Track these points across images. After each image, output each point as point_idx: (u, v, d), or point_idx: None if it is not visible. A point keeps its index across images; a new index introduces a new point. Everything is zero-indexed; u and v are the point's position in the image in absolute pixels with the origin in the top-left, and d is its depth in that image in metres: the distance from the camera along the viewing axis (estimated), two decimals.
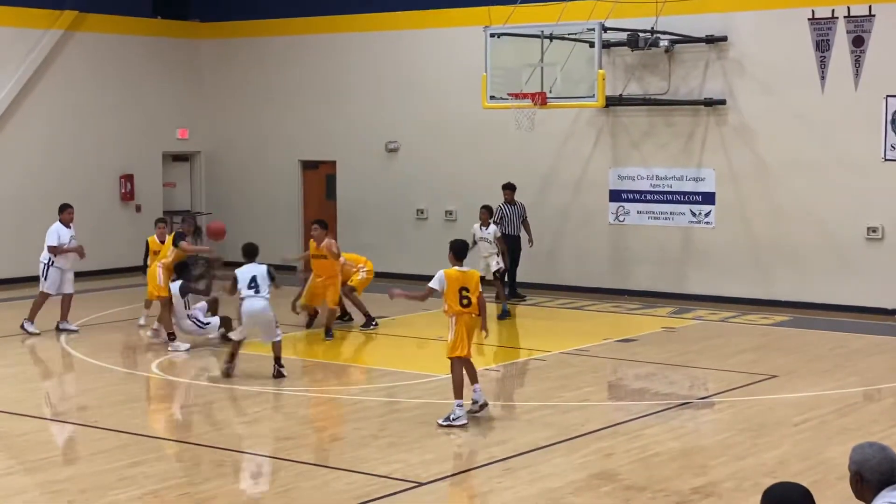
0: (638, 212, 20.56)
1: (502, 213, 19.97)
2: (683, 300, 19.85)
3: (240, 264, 14.18)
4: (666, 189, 20.28)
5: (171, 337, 15.75)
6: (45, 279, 16.84)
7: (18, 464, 10.77)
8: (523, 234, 20.17)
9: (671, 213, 20.26)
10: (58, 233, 16.84)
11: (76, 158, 23.01)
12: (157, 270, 16.20)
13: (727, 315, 18.64)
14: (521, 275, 21.46)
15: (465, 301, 11.84)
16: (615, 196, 20.76)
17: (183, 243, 16.21)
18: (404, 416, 12.15)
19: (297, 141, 24.07)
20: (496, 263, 18.20)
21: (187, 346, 15.68)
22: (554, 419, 12.04)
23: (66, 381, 14.54)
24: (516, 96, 18.06)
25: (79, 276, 17.59)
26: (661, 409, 12.50)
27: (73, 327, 17.05)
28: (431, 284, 11.95)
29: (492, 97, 18.34)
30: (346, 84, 23.44)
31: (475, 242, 18.24)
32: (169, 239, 16.52)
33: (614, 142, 20.79)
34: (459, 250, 12.21)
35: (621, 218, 20.73)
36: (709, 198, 19.91)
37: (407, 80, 22.70)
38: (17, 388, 13.68)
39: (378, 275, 22.19)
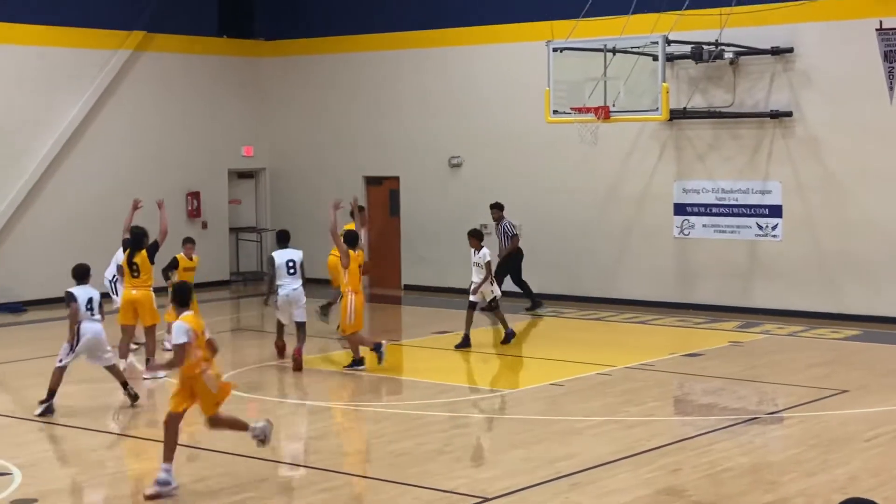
0: (703, 225, 20.38)
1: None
2: (750, 314, 19.63)
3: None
4: (732, 202, 20.08)
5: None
6: (116, 295, 16.81)
7: (90, 479, 10.88)
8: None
9: (737, 227, 20.06)
10: (116, 259, 16.73)
11: (143, 176, 23.28)
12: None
13: (795, 329, 18.40)
14: (586, 289, 21.39)
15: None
16: (680, 210, 20.60)
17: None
18: (469, 431, 12.13)
19: (360, 157, 24.18)
20: (491, 291, 17.04)
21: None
22: (619, 434, 11.95)
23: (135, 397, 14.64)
24: (579, 110, 18.00)
25: None
26: (729, 424, 12.36)
27: (137, 341, 17.01)
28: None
29: (555, 111, 18.30)
30: (410, 100, 23.52)
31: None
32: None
33: (679, 155, 20.64)
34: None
35: (686, 231, 20.56)
36: (776, 210, 19.69)
37: (470, 95, 22.73)
38: (88, 403, 13.83)
39: (443, 290, 22.29)
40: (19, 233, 21.38)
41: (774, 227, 19.69)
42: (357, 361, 15.28)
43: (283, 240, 16.12)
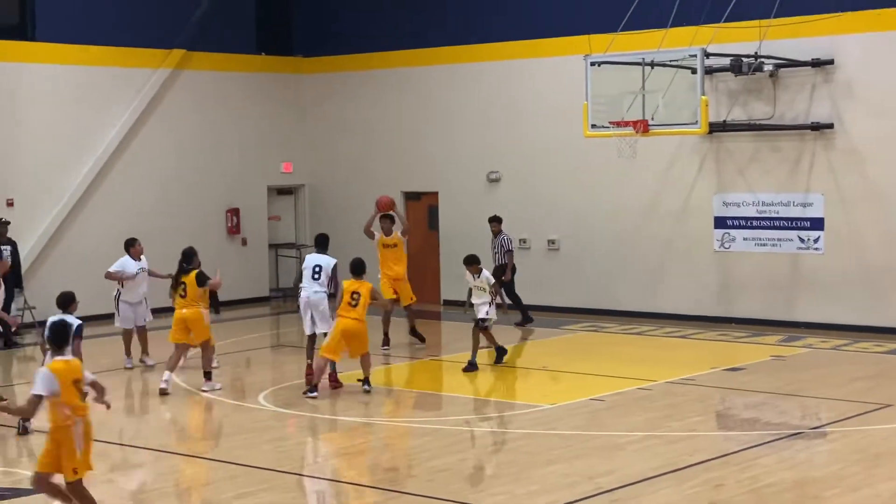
0: (744, 238, 20.25)
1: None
2: (792, 328, 19.47)
3: None
4: (773, 215, 19.94)
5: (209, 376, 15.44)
6: (118, 314, 16.99)
7: (131, 495, 10.94)
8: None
9: (778, 240, 19.92)
10: (123, 264, 16.98)
11: (183, 194, 23.45)
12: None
13: (839, 343, 18.23)
14: (625, 304, 21.32)
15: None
16: (720, 223, 20.48)
17: (211, 281, 15.77)
18: (509, 447, 12.09)
19: (399, 172, 24.22)
20: (485, 312, 16.24)
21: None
22: (661, 449, 11.86)
23: (176, 413, 14.71)
24: (618, 124, 17.95)
25: None
26: (771, 439, 12.24)
27: (150, 362, 16.97)
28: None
29: (593, 125, 18.26)
30: (448, 115, 23.56)
31: (469, 290, 16.65)
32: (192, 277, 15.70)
33: (718, 168, 20.53)
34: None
35: (727, 245, 20.44)
36: (817, 223, 19.53)
37: (508, 110, 22.73)
38: (129, 419, 13.91)
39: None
40: (62, 250, 21.57)
41: (816, 240, 19.54)
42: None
43: (320, 244, 16.22)
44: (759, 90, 19.79)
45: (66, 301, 12.71)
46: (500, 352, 16.72)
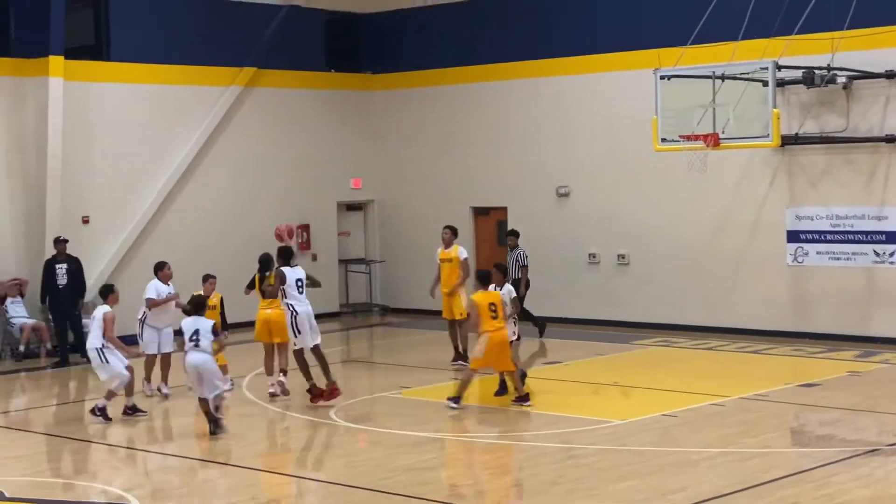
0: (818, 252, 20.00)
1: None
2: (868, 343, 19.17)
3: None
4: (847, 229, 19.68)
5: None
6: (142, 339, 16.27)
7: None
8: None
9: (853, 254, 19.64)
10: (156, 289, 16.33)
11: (254, 210, 23.67)
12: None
13: None
14: (697, 318, 21.14)
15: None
16: (793, 237, 20.25)
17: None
18: (581, 463, 12.02)
19: (468, 187, 24.25)
20: (511, 333, 15.23)
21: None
22: (735, 466, 11.74)
23: (245, 428, 14.80)
24: (688, 138, 17.83)
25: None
26: (848, 456, 12.06)
27: (165, 391, 16.21)
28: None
29: (663, 139, 18.16)
30: (516, 130, 23.55)
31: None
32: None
33: (791, 181, 20.30)
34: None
35: (800, 259, 20.19)
36: (892, 237, 19.23)
37: (578, 124, 22.67)
38: (200, 435, 14.03)
39: (550, 320, 22.19)
40: (136, 266, 21.82)
41: (892, 254, 19.23)
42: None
43: (286, 256, 15.62)
44: (831, 102, 19.55)
45: (196, 304, 14.18)
46: (520, 377, 15.41)
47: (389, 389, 16.39)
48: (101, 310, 14.70)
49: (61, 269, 19.61)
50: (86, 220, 21.43)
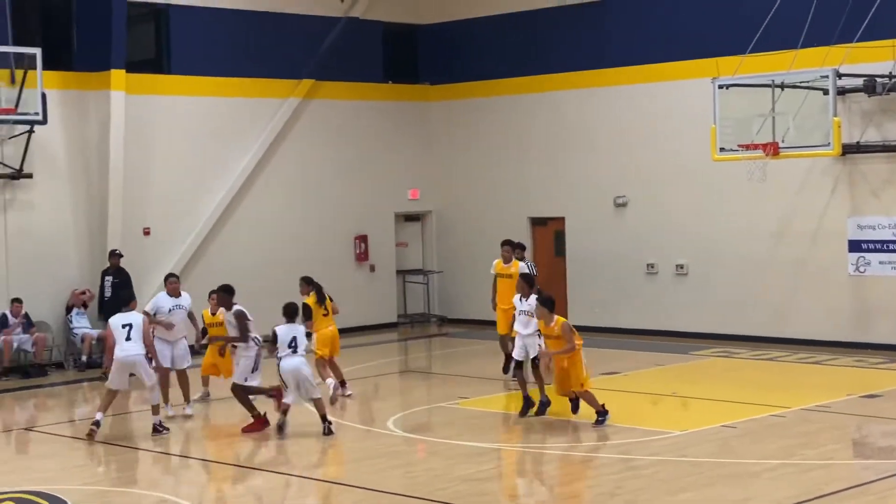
0: (880, 262, 19.75)
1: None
2: None
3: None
4: None
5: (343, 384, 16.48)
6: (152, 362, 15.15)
7: None
8: None
9: None
10: (154, 302, 15.69)
11: (312, 221, 23.82)
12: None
13: None
14: (756, 328, 20.94)
15: None
16: (855, 246, 20.02)
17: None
18: (641, 474, 11.96)
19: (525, 198, 24.24)
20: (537, 346, 14.71)
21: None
22: (796, 478, 11.61)
23: (308, 439, 14.88)
24: (747, 147, 17.72)
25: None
26: None
27: (188, 411, 15.64)
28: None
29: (722, 149, 18.06)
30: (573, 140, 23.50)
31: (513, 317, 15.45)
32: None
33: (852, 191, 20.08)
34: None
35: (862, 269, 19.95)
36: None
37: (635, 134, 22.58)
38: (258, 445, 14.13)
39: (608, 331, 22.13)
40: (196, 278, 22.01)
41: None
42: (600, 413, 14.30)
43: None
44: (893, 111, 19.32)
45: (293, 311, 14.56)
46: (543, 405, 14.77)
47: (447, 400, 16.40)
48: (140, 317, 14.64)
49: (108, 281, 19.91)
50: (147, 232, 21.68)
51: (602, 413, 14.27)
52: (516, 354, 15.08)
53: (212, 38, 22.62)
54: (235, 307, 14.91)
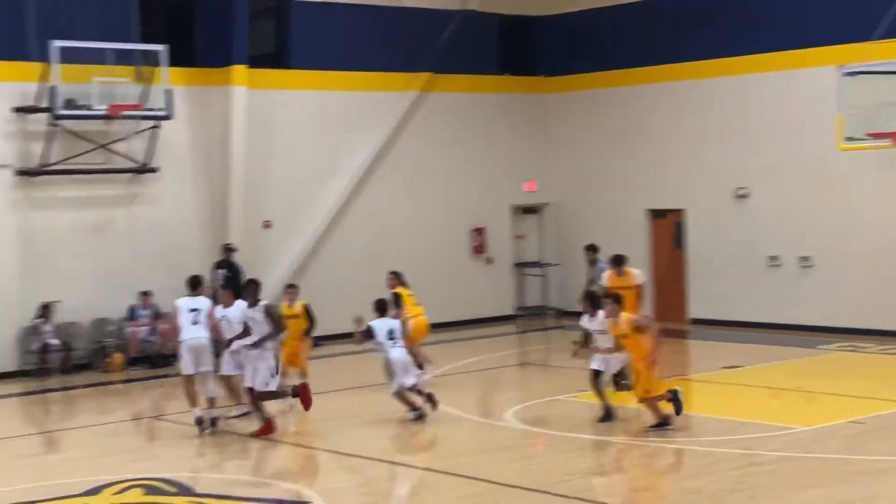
0: None
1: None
2: None
3: None
4: None
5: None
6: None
7: None
8: None
9: None
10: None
11: (429, 213, 23.90)
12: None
13: None
14: (886, 323, 20.40)
15: None
16: None
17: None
18: (763, 470, 11.73)
19: (644, 190, 23.97)
20: (618, 361, 14.01)
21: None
22: None
23: (425, 430, 14.92)
24: (876, 136, 17.24)
25: (431, 327, 17.67)
26: None
27: (236, 412, 14.74)
28: None
29: (848, 138, 17.62)
30: (693, 131, 23.17)
31: (587, 338, 14.93)
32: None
33: None
34: None
35: None
36: None
37: (757, 124, 22.17)
38: (372, 433, 14.22)
39: (729, 324, 21.78)
40: (316, 269, 22.30)
41: None
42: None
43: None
44: None
45: (382, 307, 14.76)
46: (662, 423, 13.68)
47: (565, 392, 16.31)
48: (207, 302, 14.42)
49: (220, 274, 20.09)
50: (267, 225, 21.99)
51: (662, 422, 13.49)
52: (595, 364, 14.18)
53: (331, 32, 22.83)
54: (263, 302, 14.36)
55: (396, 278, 17.27)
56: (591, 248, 20.45)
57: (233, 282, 20.07)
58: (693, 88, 23.09)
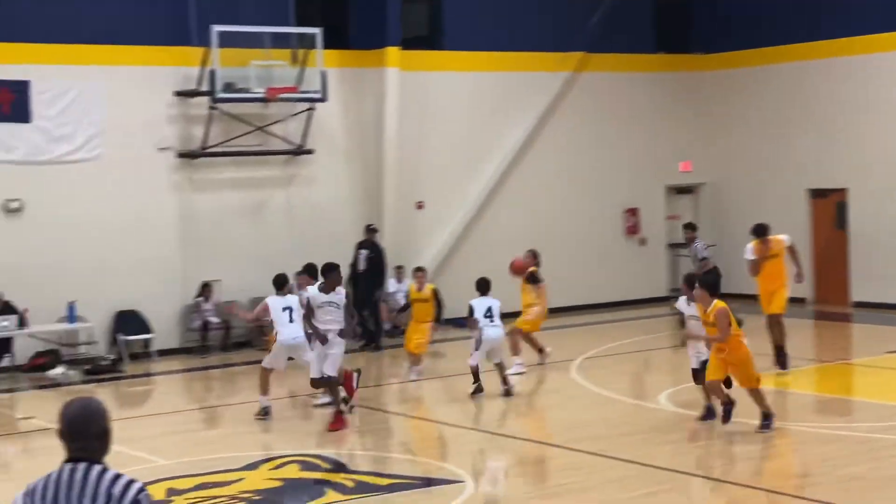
0: None
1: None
2: None
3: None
4: None
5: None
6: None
7: (536, 489, 11.15)
8: None
9: None
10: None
11: (581, 194, 23.71)
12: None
13: None
14: None
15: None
16: None
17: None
18: None
19: (804, 169, 23.33)
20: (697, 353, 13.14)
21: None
22: None
23: (577, 411, 14.83)
24: None
25: (584, 309, 17.58)
26: None
27: (323, 399, 14.72)
28: None
29: None
30: (860, 108, 22.39)
31: (682, 321, 14.11)
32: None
33: None
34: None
35: None
36: None
37: None
38: (520, 413, 14.20)
39: (888, 307, 21.02)
40: (468, 249, 22.34)
41: None
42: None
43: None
44: None
45: (485, 285, 15.24)
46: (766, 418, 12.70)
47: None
48: (295, 299, 14.51)
49: (363, 254, 20.14)
50: (420, 206, 22.12)
51: (768, 417, 12.61)
52: (694, 363, 13.28)
53: (483, 13, 22.81)
54: (342, 290, 13.90)
55: (534, 257, 17.45)
56: (690, 227, 20.00)
57: (375, 262, 20.32)
58: (854, 64, 22.34)
